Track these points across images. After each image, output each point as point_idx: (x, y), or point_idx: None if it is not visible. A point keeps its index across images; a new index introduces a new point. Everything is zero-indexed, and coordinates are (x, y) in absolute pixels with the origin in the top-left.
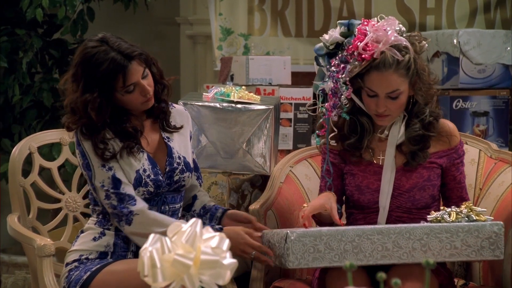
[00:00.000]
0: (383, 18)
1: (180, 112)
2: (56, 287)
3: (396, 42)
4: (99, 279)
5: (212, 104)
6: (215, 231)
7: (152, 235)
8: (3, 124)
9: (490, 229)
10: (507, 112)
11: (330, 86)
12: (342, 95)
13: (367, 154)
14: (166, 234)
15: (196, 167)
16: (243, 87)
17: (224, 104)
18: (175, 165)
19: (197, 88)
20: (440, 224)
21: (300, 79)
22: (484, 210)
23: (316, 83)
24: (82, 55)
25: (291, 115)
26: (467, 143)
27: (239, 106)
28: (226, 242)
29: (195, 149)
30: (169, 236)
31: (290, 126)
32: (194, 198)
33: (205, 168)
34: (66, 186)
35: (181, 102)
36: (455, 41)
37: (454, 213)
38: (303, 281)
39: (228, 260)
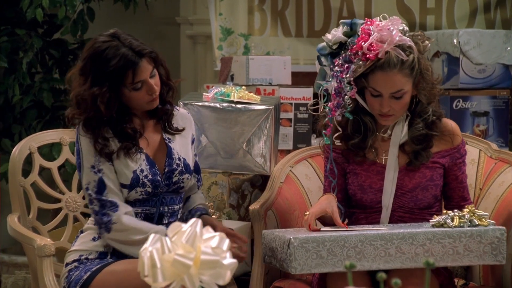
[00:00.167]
0: (386, 17)
1: (183, 116)
2: (56, 287)
3: (401, 42)
4: (99, 279)
5: (212, 104)
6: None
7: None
8: (3, 124)
9: (493, 234)
10: (507, 112)
11: (334, 86)
12: (346, 95)
13: (371, 154)
14: (145, 241)
15: (198, 170)
16: (243, 87)
17: (224, 104)
18: (174, 166)
19: (197, 88)
20: (443, 229)
21: (300, 79)
22: (486, 214)
23: (318, 83)
24: (92, 49)
25: (291, 115)
26: (467, 143)
27: (239, 106)
28: (226, 242)
29: (195, 149)
30: (169, 236)
31: (290, 126)
32: (187, 199)
33: (205, 168)
34: (66, 186)
35: (181, 102)
36: (455, 41)
37: (457, 217)
38: (303, 281)
39: (228, 260)
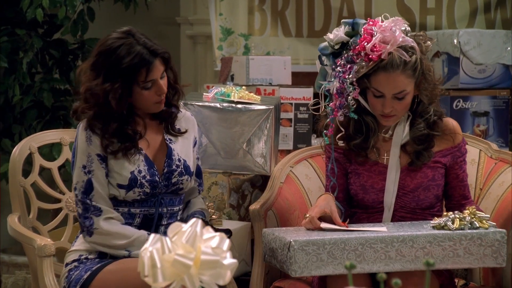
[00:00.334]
0: (387, 17)
1: (187, 118)
2: (56, 287)
3: (404, 43)
4: (100, 279)
5: (212, 104)
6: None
7: (152, 236)
8: (4, 124)
9: (493, 237)
10: (507, 112)
11: (336, 86)
12: (349, 96)
13: (373, 154)
14: (129, 246)
15: (199, 173)
16: (243, 87)
17: (225, 104)
18: (174, 167)
19: (197, 88)
20: (443, 232)
21: (300, 79)
22: (487, 216)
23: (319, 82)
24: (107, 45)
25: (291, 115)
26: (467, 143)
27: (239, 106)
28: (227, 242)
29: (198, 153)
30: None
31: (291, 126)
32: (187, 203)
33: (205, 168)
34: (66, 186)
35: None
36: (455, 41)
37: (458, 219)
38: (304, 281)
39: (229, 260)
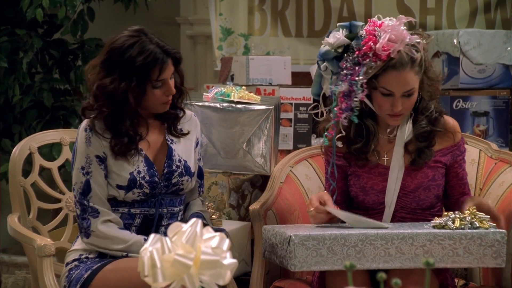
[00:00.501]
0: (380, 18)
1: (190, 119)
2: (56, 287)
3: (411, 41)
4: (100, 278)
5: (212, 104)
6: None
7: (152, 235)
8: (3, 124)
9: (493, 237)
10: (507, 112)
11: (343, 89)
12: (356, 97)
13: (373, 157)
14: (126, 250)
15: (200, 174)
16: (243, 87)
17: (224, 104)
18: (174, 167)
19: (197, 88)
20: (444, 231)
21: (300, 79)
22: (487, 216)
23: (330, 87)
24: (119, 43)
25: (291, 115)
26: (467, 143)
27: (239, 106)
28: (227, 242)
29: (200, 153)
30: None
31: (290, 126)
32: (186, 206)
33: (205, 168)
34: (66, 186)
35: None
36: (455, 41)
37: (458, 219)
38: (303, 281)
39: (228, 260)
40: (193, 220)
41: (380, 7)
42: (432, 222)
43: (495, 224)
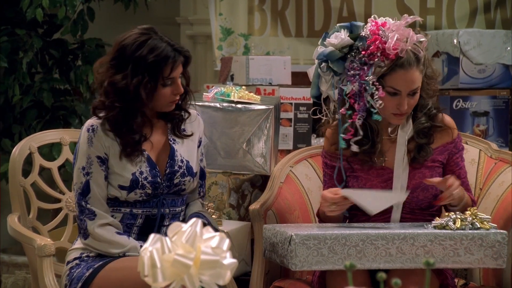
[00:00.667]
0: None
1: (194, 120)
2: (56, 287)
3: (417, 39)
4: (102, 276)
5: (212, 104)
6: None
7: (152, 235)
8: (3, 124)
9: (494, 238)
10: (507, 112)
11: (351, 89)
12: (374, 96)
13: (379, 158)
14: (123, 255)
15: (202, 175)
16: (243, 87)
17: (224, 104)
18: (176, 167)
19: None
20: (444, 231)
21: (300, 79)
22: (488, 217)
23: (341, 87)
24: (131, 40)
25: (291, 115)
26: (467, 143)
27: (239, 106)
28: (227, 242)
29: (202, 154)
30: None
31: (290, 126)
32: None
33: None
34: (66, 186)
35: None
36: (455, 41)
37: (459, 220)
38: (303, 281)
39: (228, 260)
40: (193, 220)
41: (380, 7)
42: (433, 222)
43: (496, 225)
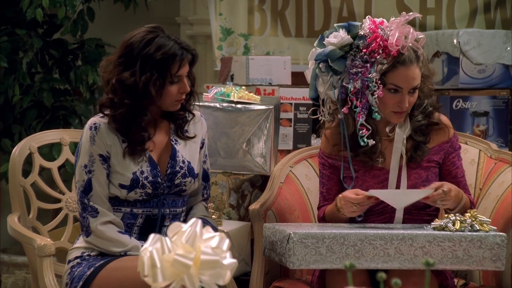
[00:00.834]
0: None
1: (197, 121)
2: (56, 287)
3: (416, 36)
4: (102, 276)
5: (212, 104)
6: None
7: (152, 235)
8: (3, 124)
9: (493, 240)
10: (507, 112)
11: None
12: (373, 94)
13: (380, 158)
14: (125, 254)
15: (206, 177)
16: (243, 87)
17: (224, 104)
18: (177, 168)
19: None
20: (443, 233)
21: (300, 79)
22: (488, 220)
23: (345, 85)
24: (139, 38)
25: (291, 115)
26: (467, 143)
27: (239, 106)
28: (226, 242)
29: (205, 155)
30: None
31: (290, 126)
32: (189, 210)
33: None
34: (66, 186)
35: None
36: (455, 41)
37: (458, 221)
38: (303, 281)
39: (228, 260)
40: (193, 220)
41: (380, 7)
42: (432, 223)
43: (495, 227)
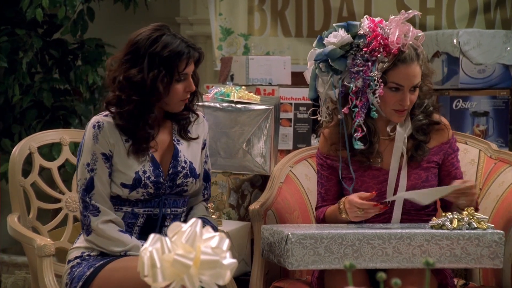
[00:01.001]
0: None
1: (200, 121)
2: (56, 287)
3: (416, 34)
4: (102, 276)
5: (212, 104)
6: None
7: (152, 235)
8: (3, 124)
9: (491, 238)
10: (507, 112)
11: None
12: (375, 93)
13: (377, 158)
14: (125, 254)
15: (207, 177)
16: (243, 87)
17: (224, 104)
18: (179, 168)
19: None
20: (441, 231)
21: (300, 79)
22: (485, 217)
23: (346, 84)
24: (145, 36)
25: (291, 115)
26: (467, 143)
27: (239, 106)
28: (226, 242)
29: (207, 156)
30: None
31: (290, 126)
32: (189, 210)
33: None
34: (66, 186)
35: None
36: (455, 41)
37: (456, 220)
38: (303, 281)
39: (228, 260)
40: (193, 220)
41: (380, 7)
42: (430, 222)
43: (493, 225)
